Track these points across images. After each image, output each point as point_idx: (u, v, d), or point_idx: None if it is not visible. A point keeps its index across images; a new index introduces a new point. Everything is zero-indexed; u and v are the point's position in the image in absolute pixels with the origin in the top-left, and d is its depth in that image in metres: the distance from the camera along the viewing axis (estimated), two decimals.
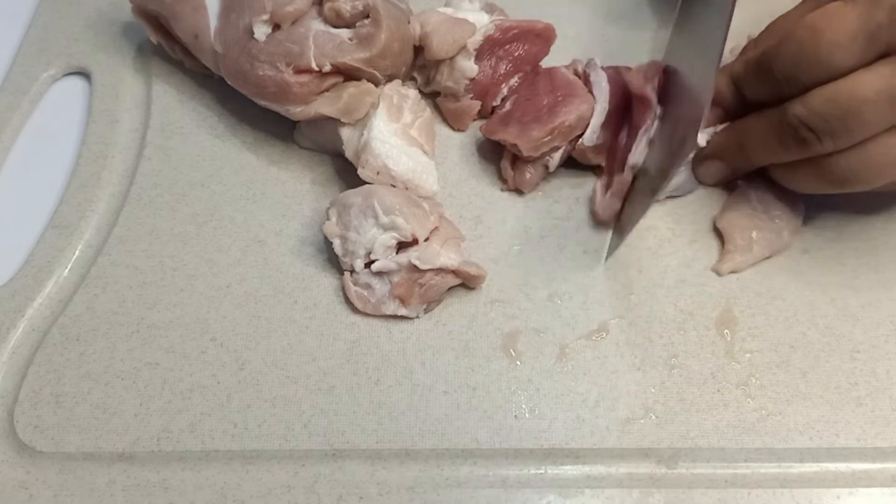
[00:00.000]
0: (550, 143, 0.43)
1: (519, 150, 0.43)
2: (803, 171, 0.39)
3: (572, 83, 0.45)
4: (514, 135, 0.43)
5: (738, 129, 0.42)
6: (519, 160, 0.44)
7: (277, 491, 0.36)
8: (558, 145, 0.43)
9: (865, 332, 0.40)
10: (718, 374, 0.39)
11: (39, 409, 0.38)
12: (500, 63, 0.46)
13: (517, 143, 0.43)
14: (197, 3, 0.45)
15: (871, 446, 0.37)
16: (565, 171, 0.46)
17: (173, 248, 0.43)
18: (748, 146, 0.41)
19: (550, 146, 0.43)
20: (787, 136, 0.38)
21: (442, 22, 0.45)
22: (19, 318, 0.41)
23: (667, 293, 0.42)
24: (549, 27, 0.47)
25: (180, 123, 0.48)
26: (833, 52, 0.35)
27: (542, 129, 0.43)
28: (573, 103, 0.43)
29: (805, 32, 0.36)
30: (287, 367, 0.39)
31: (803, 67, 0.36)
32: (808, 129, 0.37)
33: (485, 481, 0.37)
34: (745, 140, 0.41)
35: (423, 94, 0.48)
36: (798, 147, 0.38)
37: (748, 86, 0.41)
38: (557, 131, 0.43)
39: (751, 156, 0.41)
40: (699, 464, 0.37)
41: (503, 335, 0.40)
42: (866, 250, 0.43)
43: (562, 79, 0.45)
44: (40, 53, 0.52)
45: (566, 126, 0.43)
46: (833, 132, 0.36)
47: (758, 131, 0.40)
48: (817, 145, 0.37)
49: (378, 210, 0.39)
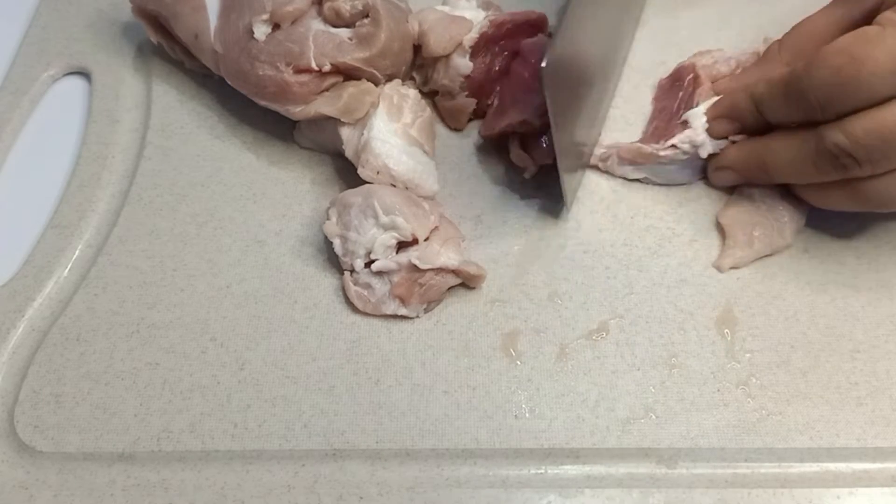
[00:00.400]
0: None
1: (529, 125, 0.42)
2: (836, 193, 0.39)
3: (538, 44, 0.45)
4: (517, 114, 0.43)
5: (762, 149, 0.41)
6: (529, 138, 0.44)
7: (277, 491, 0.36)
8: None
9: (866, 332, 0.40)
10: (718, 374, 0.39)
11: (39, 410, 0.38)
12: (496, 59, 0.46)
13: (525, 118, 0.42)
14: (197, 3, 0.45)
15: (872, 446, 0.37)
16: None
17: (173, 248, 0.43)
18: (773, 166, 0.40)
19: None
20: (824, 162, 0.37)
21: (439, 19, 0.46)
22: (19, 318, 0.41)
23: (667, 293, 0.42)
24: (542, 17, 0.47)
25: (180, 123, 0.48)
26: (874, 82, 0.34)
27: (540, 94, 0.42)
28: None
29: (843, 59, 0.35)
30: (287, 367, 0.39)
31: (841, 95, 0.35)
32: (849, 156, 0.36)
33: (485, 481, 0.37)
34: (770, 160, 0.40)
35: (423, 93, 0.48)
36: (836, 172, 0.37)
37: (773, 108, 0.40)
38: None
39: (774, 175, 0.41)
40: (699, 464, 0.37)
41: (503, 335, 0.40)
42: (866, 250, 0.43)
43: (528, 48, 0.45)
44: (40, 53, 0.52)
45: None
46: (874, 161, 0.36)
47: (787, 154, 0.39)
48: (856, 170, 0.36)
49: (378, 210, 0.39)
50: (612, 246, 0.43)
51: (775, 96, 0.39)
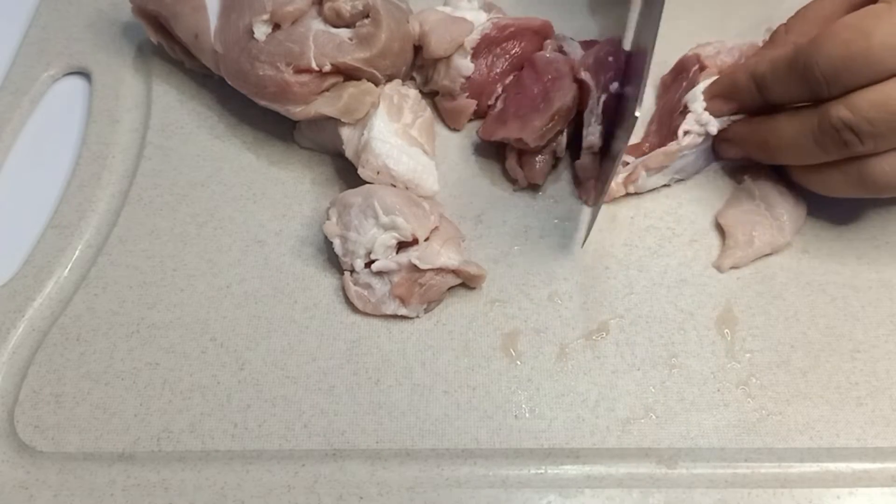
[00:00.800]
0: (553, 128, 0.43)
1: (525, 144, 0.43)
2: (837, 177, 0.39)
3: (553, 62, 0.45)
4: (517, 130, 0.43)
5: (764, 128, 0.41)
6: (525, 154, 0.44)
7: (278, 491, 0.36)
8: (561, 129, 0.44)
9: (866, 332, 0.40)
10: (719, 374, 0.39)
11: (39, 410, 0.38)
12: (497, 61, 0.46)
13: (522, 137, 0.43)
14: (197, 3, 0.45)
15: (872, 446, 0.37)
16: (566, 171, 0.46)
17: (173, 248, 0.43)
18: (776, 146, 0.40)
19: (554, 132, 0.43)
20: (826, 138, 0.37)
21: (440, 20, 0.46)
22: (19, 318, 0.41)
23: (667, 293, 0.42)
24: (545, 24, 0.47)
25: (180, 123, 0.48)
26: (883, 56, 0.34)
27: (542, 117, 0.43)
28: (564, 85, 0.43)
29: (851, 33, 0.35)
30: (287, 367, 0.39)
31: (850, 69, 0.35)
32: (852, 131, 0.36)
33: (485, 481, 0.37)
34: (773, 140, 0.40)
35: (423, 93, 0.48)
36: (837, 149, 0.37)
37: (776, 85, 0.40)
38: (558, 115, 0.43)
39: (776, 155, 0.41)
40: (699, 464, 0.37)
41: (503, 335, 0.40)
42: (866, 250, 0.43)
43: (543, 63, 0.45)
44: (40, 53, 0.52)
45: (565, 108, 0.43)
46: (879, 135, 0.36)
47: (789, 132, 0.39)
48: (858, 147, 0.36)
49: (378, 210, 0.39)
50: (612, 246, 0.43)
51: (778, 73, 0.39)
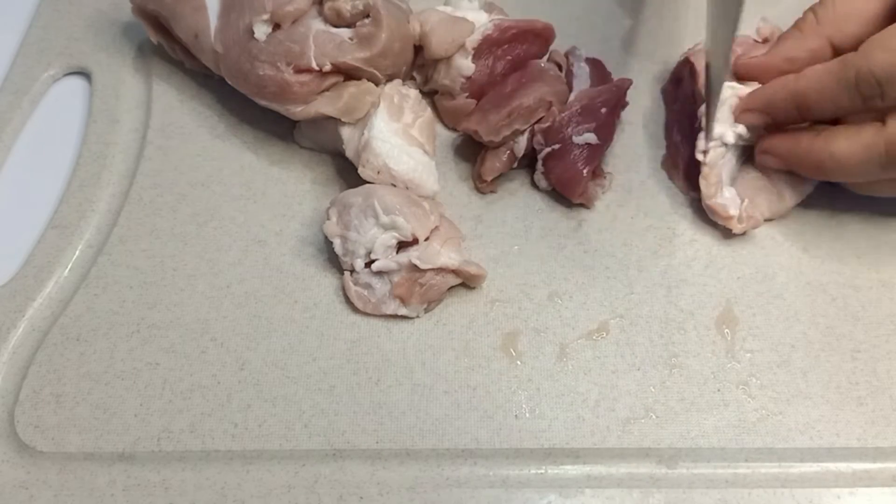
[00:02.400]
0: (510, 125, 0.43)
1: (480, 137, 0.43)
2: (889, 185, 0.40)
3: (543, 71, 0.45)
4: (475, 122, 0.43)
5: (819, 150, 0.40)
6: (489, 152, 0.44)
7: (278, 491, 0.36)
8: (520, 128, 0.43)
9: (866, 332, 0.40)
10: (719, 374, 0.39)
11: (40, 409, 0.38)
12: (498, 62, 0.46)
13: (477, 129, 0.43)
14: (197, 3, 0.45)
15: (872, 446, 0.37)
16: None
17: (173, 248, 0.43)
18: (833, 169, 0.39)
19: (511, 129, 0.43)
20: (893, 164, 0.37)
21: (441, 21, 0.45)
22: (19, 318, 0.41)
23: (667, 293, 0.42)
24: (548, 27, 0.47)
25: (180, 123, 0.48)
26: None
27: (498, 112, 0.42)
28: (534, 87, 0.43)
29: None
30: (287, 367, 0.39)
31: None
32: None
33: (485, 481, 0.37)
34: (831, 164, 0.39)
35: (422, 92, 0.48)
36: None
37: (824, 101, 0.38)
38: (516, 113, 0.42)
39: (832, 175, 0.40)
40: (699, 464, 0.37)
41: (503, 335, 0.40)
42: (866, 250, 0.43)
43: (533, 68, 0.45)
44: (40, 53, 0.52)
45: (524, 108, 0.42)
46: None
47: (853, 161, 0.38)
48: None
49: (378, 210, 0.39)
50: (612, 246, 0.43)
51: (826, 89, 0.38)
